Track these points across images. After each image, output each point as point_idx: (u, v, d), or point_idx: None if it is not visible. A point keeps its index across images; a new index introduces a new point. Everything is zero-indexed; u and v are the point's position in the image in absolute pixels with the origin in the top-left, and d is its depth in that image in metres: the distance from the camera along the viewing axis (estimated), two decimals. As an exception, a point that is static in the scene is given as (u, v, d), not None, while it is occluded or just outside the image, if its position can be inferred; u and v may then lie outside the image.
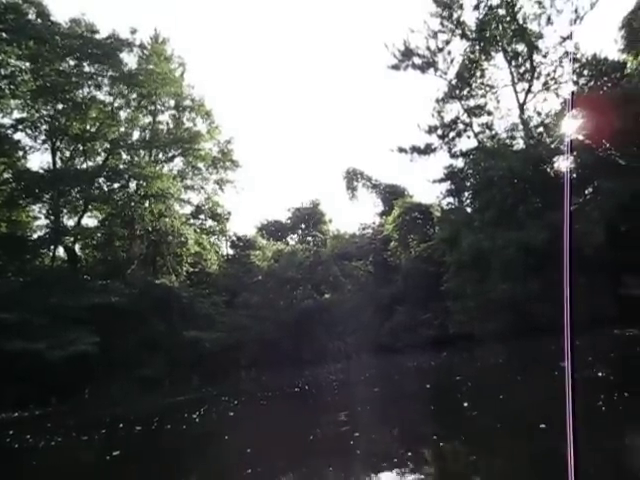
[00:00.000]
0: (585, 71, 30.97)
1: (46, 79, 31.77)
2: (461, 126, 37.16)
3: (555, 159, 27.75)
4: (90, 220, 38.68)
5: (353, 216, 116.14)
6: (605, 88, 28.37)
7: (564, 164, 26.91)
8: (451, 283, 29.60)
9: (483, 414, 8.66)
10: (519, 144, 32.82)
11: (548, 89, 33.58)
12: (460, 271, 28.94)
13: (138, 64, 38.02)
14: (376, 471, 6.15)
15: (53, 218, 33.77)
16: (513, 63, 34.32)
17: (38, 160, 46.88)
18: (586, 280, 18.31)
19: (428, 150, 37.97)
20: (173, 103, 42.72)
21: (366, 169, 50.98)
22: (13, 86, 30.96)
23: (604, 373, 9.94)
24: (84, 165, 36.81)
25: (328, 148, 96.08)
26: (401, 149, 38.63)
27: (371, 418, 10.37)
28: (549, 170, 27.86)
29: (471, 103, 36.76)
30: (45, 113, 33.73)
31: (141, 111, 40.80)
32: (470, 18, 34.51)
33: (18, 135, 32.72)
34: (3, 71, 30.51)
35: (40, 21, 31.68)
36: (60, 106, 33.75)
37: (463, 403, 9.57)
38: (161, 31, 41.01)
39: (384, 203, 48.42)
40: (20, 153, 33.55)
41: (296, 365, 31.41)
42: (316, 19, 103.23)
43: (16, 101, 32.34)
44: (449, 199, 37.08)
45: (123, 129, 38.91)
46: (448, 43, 35.88)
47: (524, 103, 33.95)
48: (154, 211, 37.91)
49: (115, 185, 37.15)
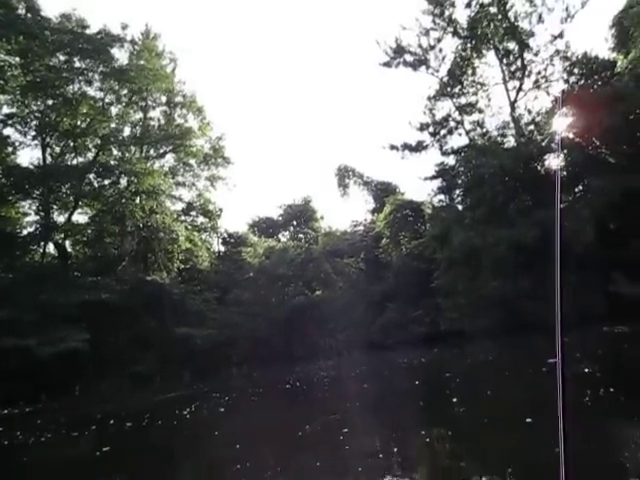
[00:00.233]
0: (576, 69, 31.21)
1: (36, 74, 31.51)
2: (452, 124, 37.30)
3: (546, 157, 27.91)
4: (80, 216, 38.47)
5: (345, 213, 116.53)
6: (595, 86, 28.58)
7: (555, 162, 27.14)
8: (442, 280, 29.72)
9: (471, 410, 8.75)
10: (510, 142, 32.95)
11: (539, 87, 33.77)
12: (451, 268, 29.08)
13: (129, 60, 37.82)
14: (364, 466, 6.19)
15: (43, 214, 33.53)
16: (504, 61, 34.46)
17: (28, 156, 46.45)
18: (576, 278, 18.46)
19: (419, 147, 38.09)
20: (164, 99, 42.65)
21: (358, 166, 51.09)
22: (2, 81, 30.64)
23: (591, 369, 10.07)
24: (74, 161, 36.58)
25: (320, 145, 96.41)
26: (392, 146, 38.73)
27: (360, 414, 10.43)
28: (540, 168, 28.01)
29: (462, 101, 36.93)
30: (35, 109, 33.48)
31: (132, 107, 40.60)
32: (462, 16, 34.68)
33: (7, 130, 32.57)
34: (-8, 66, 30.26)
35: (30, 16, 31.45)
36: (50, 102, 33.48)
37: (452, 399, 9.65)
38: (152, 27, 40.94)
39: (375, 200, 48.51)
40: (10, 149, 33.28)
41: (287, 362, 31.45)
42: (308, 15, 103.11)
43: (5, 96, 32.03)
44: (440, 196, 37.25)
45: (114, 125, 38.64)
46: (440, 41, 35.99)
47: (515, 101, 34.12)
48: (145, 207, 37.81)
49: (106, 181, 36.98)
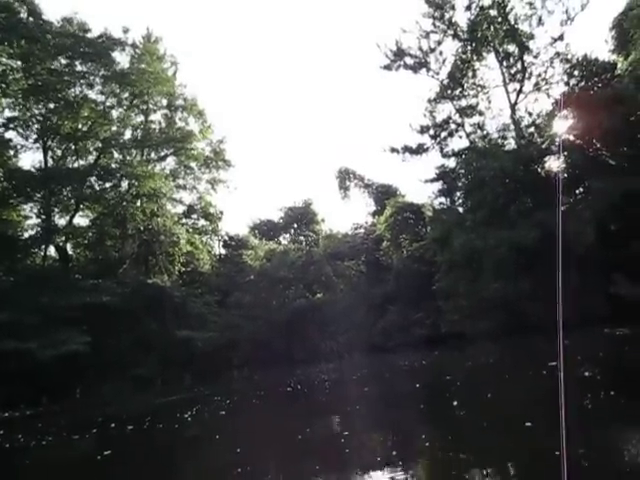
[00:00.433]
0: (576, 72, 31.22)
1: (38, 78, 31.63)
2: (453, 126, 37.35)
3: (546, 159, 27.91)
4: (82, 219, 38.65)
5: (345, 216, 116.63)
6: (596, 88, 28.55)
7: (555, 164, 27.13)
8: (443, 282, 29.71)
9: (471, 413, 8.74)
10: (510, 144, 33.02)
11: (539, 89, 33.77)
12: (452, 270, 29.07)
13: (130, 63, 37.95)
14: (364, 470, 6.19)
15: (44, 217, 33.64)
16: (504, 63, 34.47)
17: (29, 159, 46.94)
18: (577, 279, 18.43)
19: (420, 150, 38.12)
20: (165, 102, 42.72)
21: (358, 169, 51.46)
22: (4, 85, 30.80)
23: (592, 372, 10.04)
24: (76, 164, 36.71)
25: (320, 147, 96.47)
26: (393, 149, 38.77)
27: (361, 418, 10.42)
28: (540, 170, 28.00)
29: (463, 103, 36.96)
30: (37, 112, 33.60)
31: (133, 110, 40.68)
32: (462, 19, 34.76)
33: (9, 134, 32.71)
34: (-6, 70, 30.36)
35: (32, 20, 31.59)
36: (52, 105, 33.60)
37: (452, 402, 9.64)
38: (153, 30, 41.10)
39: (376, 203, 48.59)
40: (11, 152, 33.41)
41: (288, 364, 31.48)
42: (309, 19, 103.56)
43: (7, 100, 32.20)
44: (441, 199, 37.31)
45: (115, 128, 38.76)
46: (440, 43, 36.07)
47: (515, 103, 34.12)
48: (146, 210, 37.88)
49: (107, 184, 37.12)
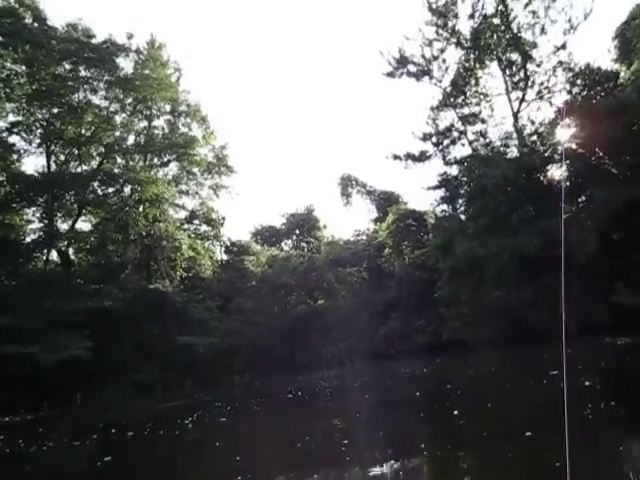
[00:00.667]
0: (578, 80, 31.21)
1: (42, 83, 31.84)
2: (455, 134, 37.29)
3: (548, 167, 27.92)
4: (84, 224, 38.86)
5: (347, 222, 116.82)
6: (598, 97, 28.59)
7: (557, 172, 27.17)
8: (445, 290, 29.64)
9: (471, 422, 8.72)
10: (513, 152, 32.98)
11: (542, 98, 33.73)
12: (454, 278, 29.01)
13: (134, 69, 38.13)
14: (363, 477, 6.18)
15: (47, 222, 33.77)
16: (507, 72, 34.48)
17: (33, 163, 47.03)
18: (579, 288, 18.42)
19: (422, 157, 38.07)
20: (169, 108, 42.87)
21: (361, 175, 51.59)
22: (8, 89, 31.01)
23: (592, 382, 10.01)
24: (79, 169, 36.84)
25: (323, 154, 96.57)
26: (396, 156, 38.70)
27: (361, 425, 10.40)
28: (542, 178, 27.99)
29: (465, 111, 36.93)
30: (40, 117, 33.79)
31: (136, 116, 40.87)
32: (465, 27, 34.71)
33: (13, 138, 32.89)
34: (-1, 74, 30.53)
35: (36, 25, 31.82)
36: (55, 110, 33.79)
37: (452, 411, 9.61)
38: (157, 36, 41.26)
39: (378, 209, 48.63)
40: (15, 156, 33.63)
41: (289, 371, 31.41)
42: (312, 26, 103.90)
43: (11, 104, 32.39)
44: (443, 206, 37.16)
45: (118, 133, 38.98)
46: (443, 51, 36.05)
47: (518, 111, 34.11)
48: (148, 216, 37.97)
49: (109, 189, 37.26)
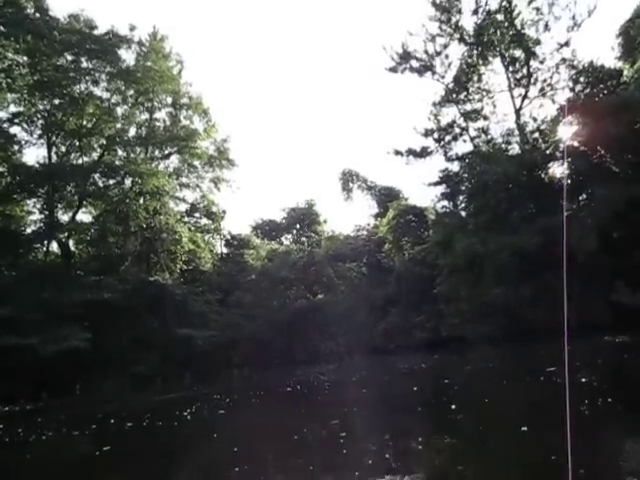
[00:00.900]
0: (581, 78, 31.19)
1: (43, 74, 31.67)
2: (457, 130, 37.30)
3: (550, 165, 27.91)
4: (84, 216, 38.80)
5: (348, 217, 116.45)
6: (601, 95, 28.56)
7: (558, 170, 27.15)
8: (444, 286, 29.68)
9: (468, 417, 8.77)
10: (514, 149, 33.01)
11: (544, 95, 33.72)
12: (453, 274, 29.05)
13: (136, 61, 37.90)
14: (360, 470, 6.21)
15: (47, 213, 33.71)
16: (510, 68, 34.44)
17: (34, 154, 46.79)
18: (579, 286, 18.43)
19: (424, 153, 38.10)
20: (170, 100, 42.69)
21: (362, 171, 51.32)
22: (10, 80, 30.84)
23: (589, 379, 10.05)
24: (80, 160, 36.68)
25: (324, 148, 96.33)
26: (397, 152, 38.73)
27: (359, 419, 10.45)
28: (543, 176, 27.99)
29: (468, 107, 36.93)
30: (42, 108, 33.64)
31: (138, 108, 40.70)
32: (468, 23, 34.71)
33: (14, 129, 32.67)
34: (0, 65, 30.41)
35: (38, 16, 31.59)
36: (57, 101, 33.62)
37: (450, 406, 9.66)
38: (159, 29, 40.99)
39: (379, 205, 48.57)
40: (15, 147, 33.46)
41: (288, 365, 31.48)
42: (315, 20, 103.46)
43: (13, 95, 32.25)
44: (444, 202, 37.22)
45: (119, 125, 38.81)
46: (446, 47, 36.05)
47: (520, 108, 34.09)
48: (149, 208, 37.92)
49: (110, 181, 37.14)
